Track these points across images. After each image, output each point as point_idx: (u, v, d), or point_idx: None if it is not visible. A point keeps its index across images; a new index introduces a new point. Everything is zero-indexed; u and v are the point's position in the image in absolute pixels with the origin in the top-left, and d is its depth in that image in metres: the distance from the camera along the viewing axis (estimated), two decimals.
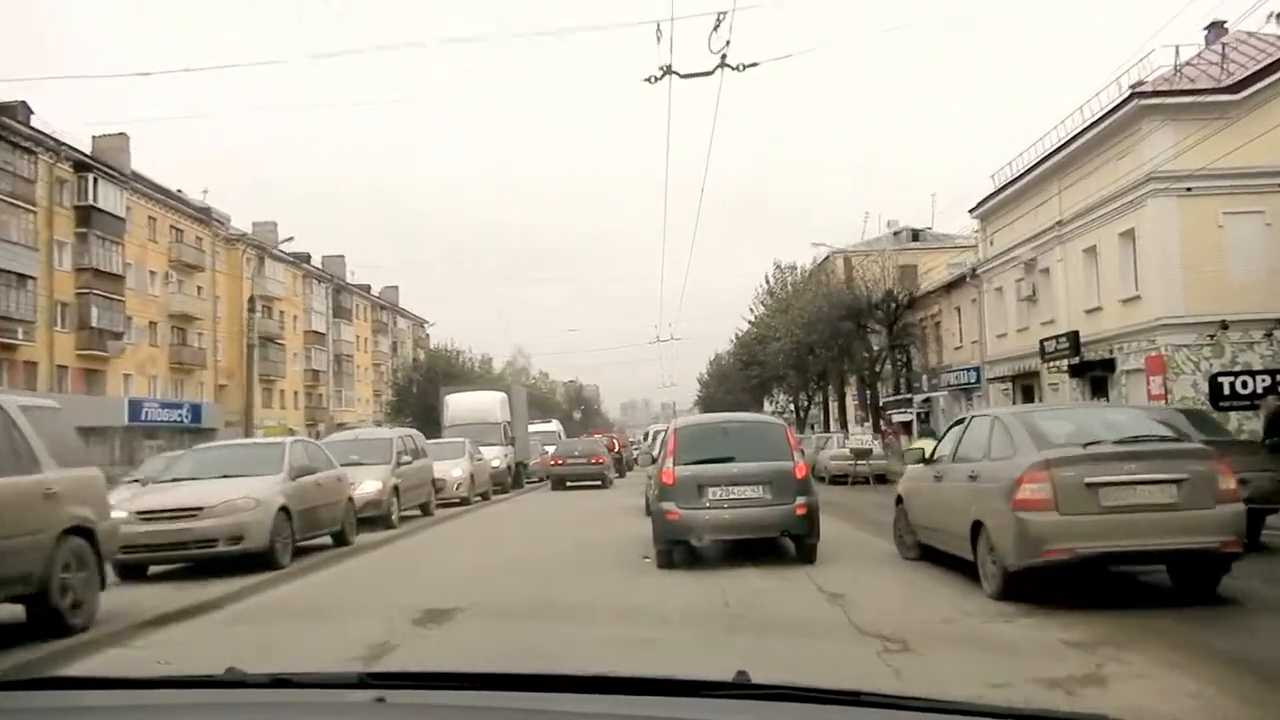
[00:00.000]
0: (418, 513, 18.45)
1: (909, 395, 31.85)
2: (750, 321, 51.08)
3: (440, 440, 24.59)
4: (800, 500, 10.40)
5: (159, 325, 52.12)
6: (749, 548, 10.75)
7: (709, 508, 10.34)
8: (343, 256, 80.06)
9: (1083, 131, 26.85)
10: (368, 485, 15.43)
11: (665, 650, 6.31)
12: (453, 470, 21.78)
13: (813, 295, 40.73)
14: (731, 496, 10.36)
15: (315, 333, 71.63)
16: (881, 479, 25.56)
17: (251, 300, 38.72)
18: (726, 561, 10.66)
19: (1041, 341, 29.12)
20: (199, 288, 56.51)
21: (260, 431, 61.57)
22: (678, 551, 10.71)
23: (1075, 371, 28.58)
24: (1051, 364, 28.97)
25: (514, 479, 30.26)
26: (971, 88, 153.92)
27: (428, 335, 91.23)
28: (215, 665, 2.02)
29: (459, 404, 29.86)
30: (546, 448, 39.46)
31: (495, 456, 27.42)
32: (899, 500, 10.47)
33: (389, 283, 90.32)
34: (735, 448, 10.86)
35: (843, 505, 18.21)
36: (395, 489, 16.13)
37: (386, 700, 1.70)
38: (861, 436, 25.44)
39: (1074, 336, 27.53)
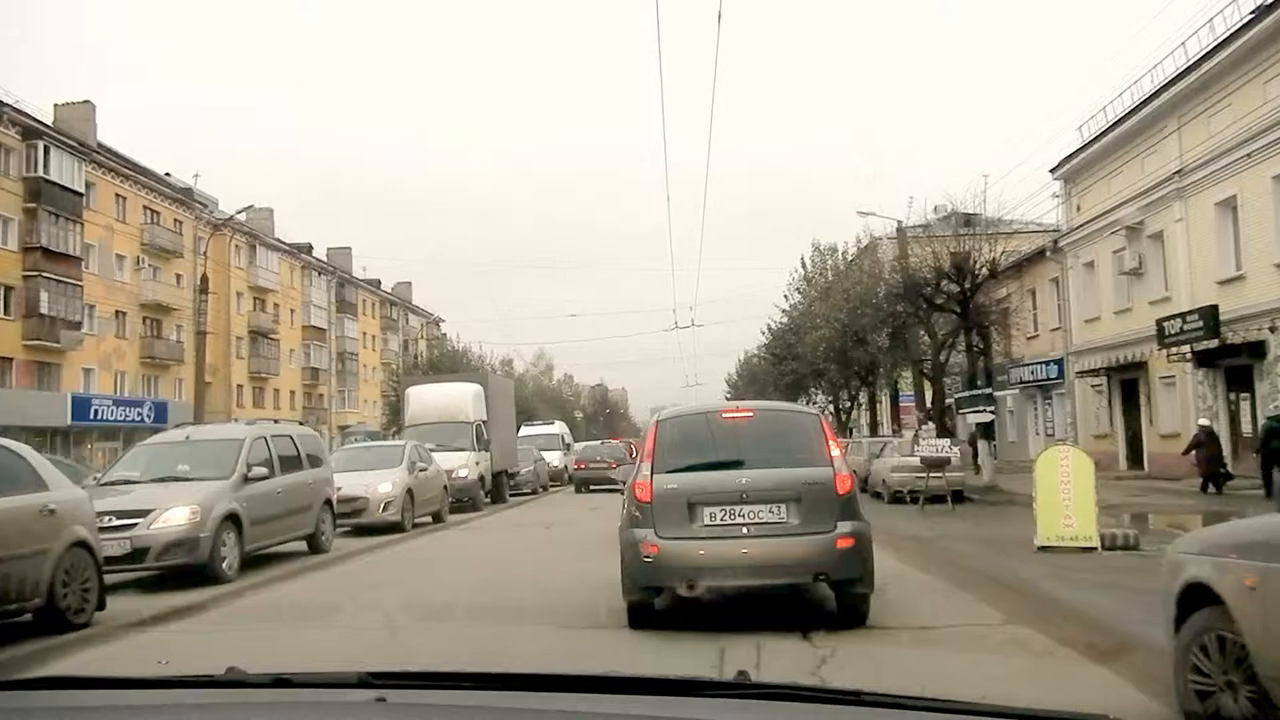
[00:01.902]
0: (303, 548, 12.71)
1: (986, 390, 25.59)
2: (784, 310, 45.15)
3: (371, 444, 18.97)
4: (844, 528, 7.07)
5: (128, 316, 46.99)
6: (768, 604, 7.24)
7: (704, 538, 7.11)
8: (349, 249, 75.08)
9: (1222, 44, 20.66)
10: (174, 514, 9.70)
11: None
12: (378, 485, 16.03)
13: (859, 275, 34.72)
14: (738, 520, 7.10)
15: (315, 328, 66.55)
16: (959, 497, 19.47)
17: (204, 280, 33.44)
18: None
19: (1159, 323, 22.86)
20: (178, 276, 51.32)
21: None
22: (663, 601, 7.32)
23: (1204, 360, 22.35)
24: (1173, 351, 22.68)
25: (493, 492, 24.47)
26: (981, 70, 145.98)
27: (443, 335, 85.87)
28: None
29: (421, 399, 24.01)
30: (545, 453, 33.96)
31: (462, 464, 21.66)
32: (1194, 595, 4.16)
33: (401, 278, 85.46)
34: (745, 448, 7.55)
35: (930, 544, 12.21)
36: (232, 519, 10.33)
37: (387, 700, 1.68)
38: (936, 442, 19.29)
39: (1210, 314, 21.22)
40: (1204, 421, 20.34)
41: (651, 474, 7.28)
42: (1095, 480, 10.82)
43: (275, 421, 15.00)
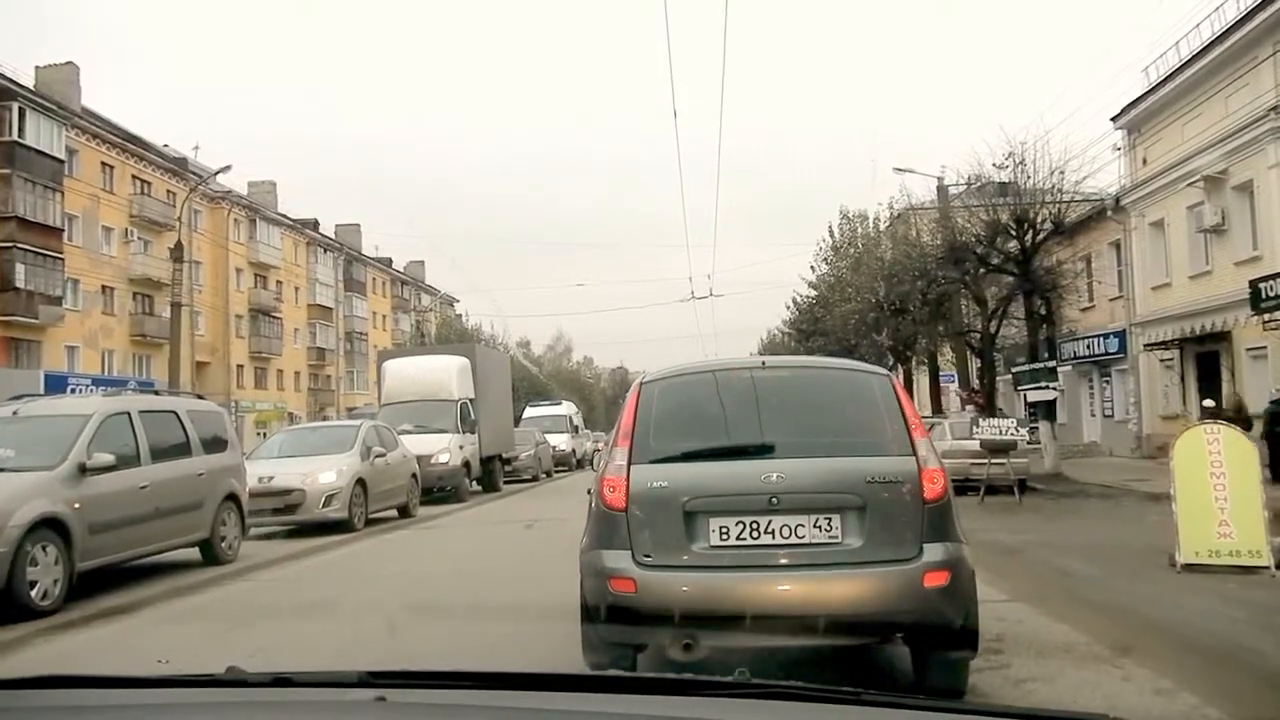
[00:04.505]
0: (194, 556, 9.85)
1: (1049, 363, 22.41)
2: (810, 284, 42.07)
3: (319, 424, 16.19)
4: (934, 554, 4.38)
5: (116, 291, 44.47)
6: None
7: (710, 568, 4.51)
8: (358, 225, 72.49)
9: None
10: None
11: None
12: (319, 475, 13.14)
13: (896, 240, 31.58)
14: (765, 541, 4.47)
15: (321, 307, 64.09)
16: (1023, 487, 16.43)
17: (178, 246, 30.70)
18: None
19: (1254, 284, 19.57)
20: (170, 250, 48.69)
21: (252, 416, 54.40)
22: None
23: None
24: (1269, 318, 19.44)
25: (482, 479, 21.62)
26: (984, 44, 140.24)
27: (458, 315, 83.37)
28: None
29: (399, 373, 21.15)
30: (551, 436, 31.19)
31: (442, 448, 18.82)
32: None
33: (414, 258, 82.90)
34: (777, 424, 4.79)
35: (1025, 558, 9.27)
36: (52, 525, 7.26)
37: (387, 699, 1.68)
38: (999, 423, 16.22)
39: None
40: (1209, 403, 18.24)
41: (629, 465, 4.75)
42: (1262, 471, 7.76)
43: (157, 393, 12.09)
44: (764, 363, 5.56)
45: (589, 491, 5.38)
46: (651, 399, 5.01)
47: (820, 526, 4.49)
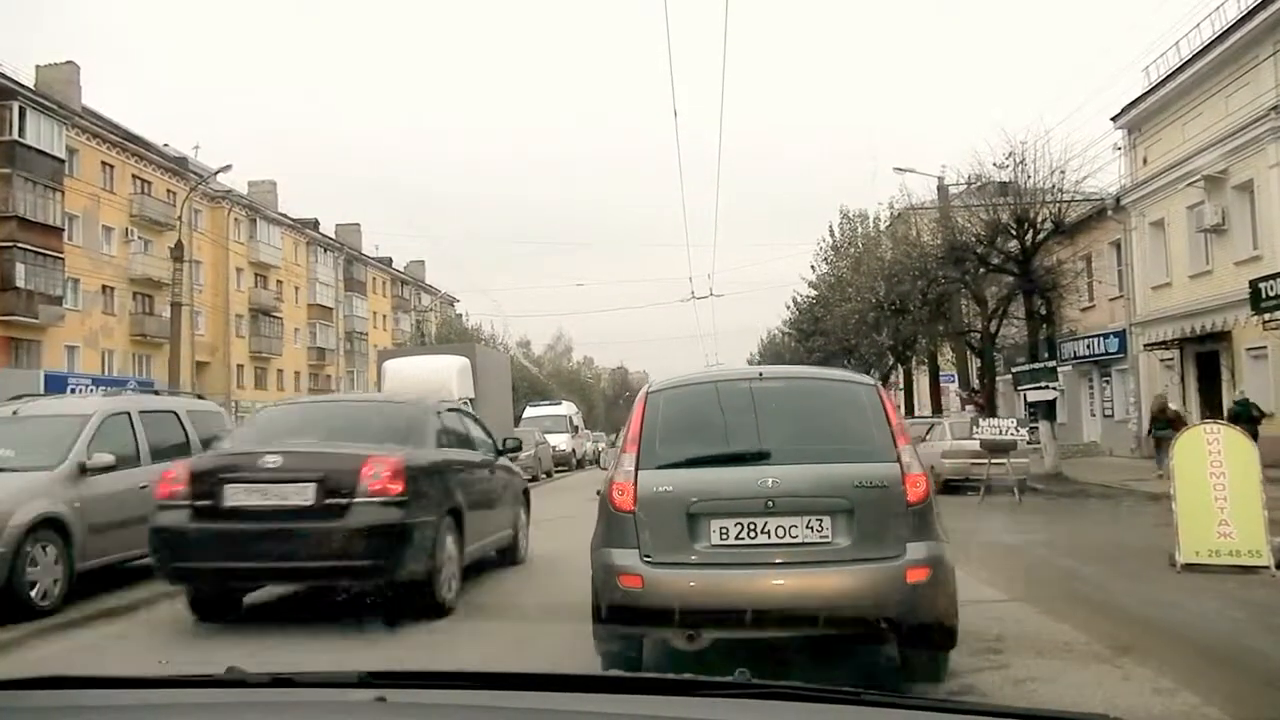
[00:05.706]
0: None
1: (1049, 363, 22.42)
2: (810, 283, 42.16)
3: None
4: (916, 551, 4.77)
5: (116, 291, 44.50)
6: None
7: (711, 565, 4.89)
8: (358, 225, 72.56)
9: None
10: None
11: None
12: None
13: (897, 240, 31.61)
14: (761, 540, 4.86)
15: (321, 306, 64.16)
16: (1023, 486, 16.44)
17: (178, 246, 30.72)
18: None
19: (1254, 284, 19.58)
20: (170, 249, 48.70)
21: (249, 415, 54.57)
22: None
23: None
24: (1269, 318, 19.46)
25: None
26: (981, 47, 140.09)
27: (458, 315, 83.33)
28: None
29: (399, 374, 21.18)
30: (551, 436, 31.18)
31: None
32: None
33: (414, 258, 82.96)
34: (773, 432, 5.17)
35: (1025, 557, 9.29)
36: (53, 525, 7.07)
37: (387, 700, 1.68)
38: (999, 423, 16.22)
39: None
40: (1160, 394, 19.02)
41: (636, 470, 5.17)
42: (1261, 470, 7.77)
43: (156, 392, 12.11)
44: (761, 374, 5.88)
45: (598, 492, 5.64)
46: (657, 408, 5.39)
47: (812, 527, 4.85)
